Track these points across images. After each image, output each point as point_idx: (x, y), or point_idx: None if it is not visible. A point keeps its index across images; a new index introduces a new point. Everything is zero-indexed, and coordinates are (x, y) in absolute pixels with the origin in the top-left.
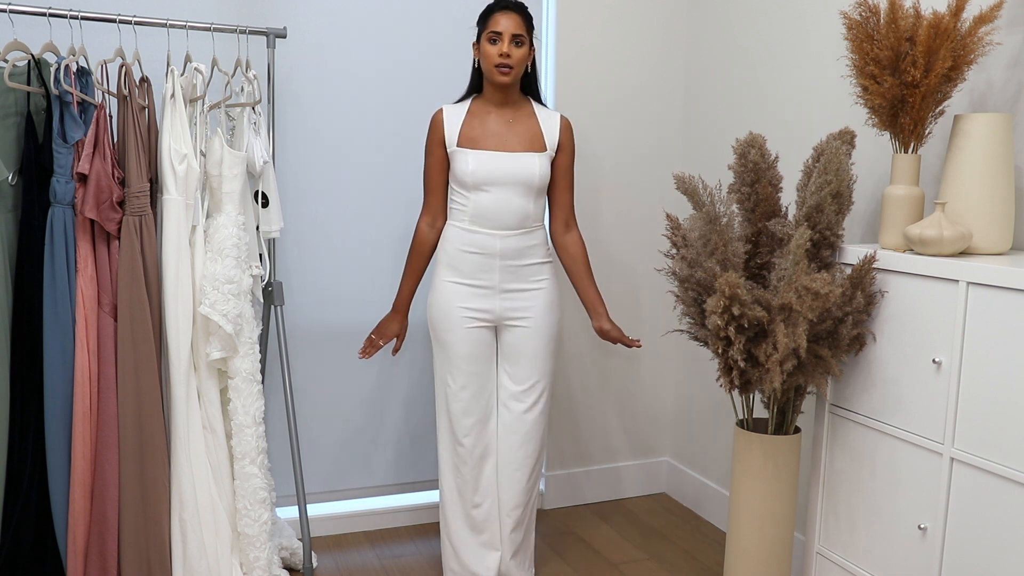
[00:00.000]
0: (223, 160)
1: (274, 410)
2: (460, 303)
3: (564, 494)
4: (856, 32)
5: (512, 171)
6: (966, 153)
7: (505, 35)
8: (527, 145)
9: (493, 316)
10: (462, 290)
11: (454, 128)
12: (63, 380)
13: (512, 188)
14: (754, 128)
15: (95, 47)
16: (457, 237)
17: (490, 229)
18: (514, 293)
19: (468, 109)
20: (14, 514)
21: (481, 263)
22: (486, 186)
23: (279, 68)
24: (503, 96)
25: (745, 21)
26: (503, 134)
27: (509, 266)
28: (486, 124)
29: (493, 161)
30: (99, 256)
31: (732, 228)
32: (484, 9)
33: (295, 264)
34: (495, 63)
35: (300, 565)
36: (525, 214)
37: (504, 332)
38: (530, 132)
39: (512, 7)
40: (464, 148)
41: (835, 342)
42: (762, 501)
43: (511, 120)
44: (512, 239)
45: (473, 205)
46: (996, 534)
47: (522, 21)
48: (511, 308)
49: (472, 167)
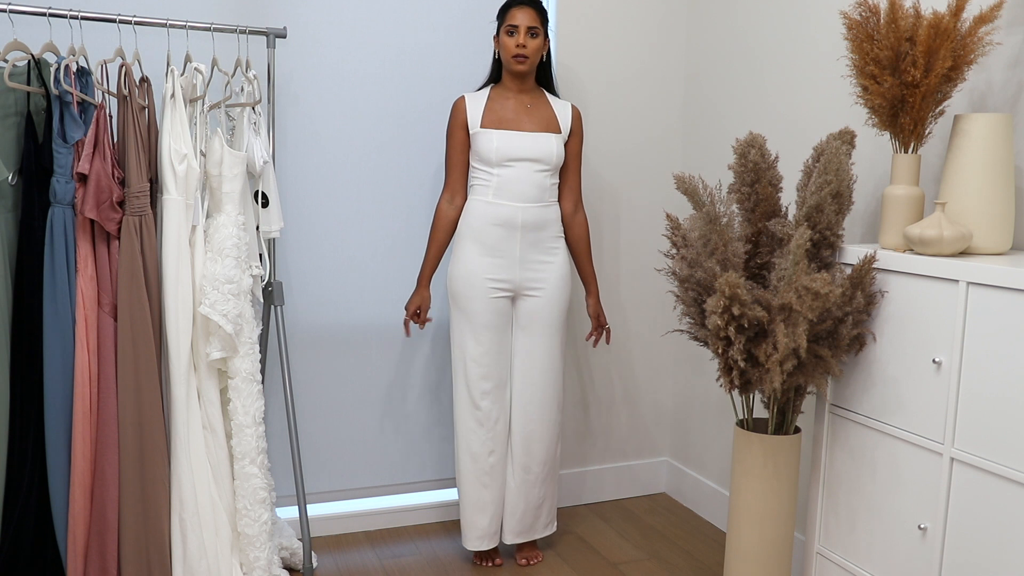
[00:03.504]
0: (223, 160)
1: (274, 410)
2: (485, 274)
3: (564, 494)
4: (856, 32)
5: (532, 148)
6: (966, 153)
7: (521, 28)
8: (544, 126)
9: (513, 286)
10: (485, 261)
11: (477, 112)
12: (63, 380)
13: (532, 164)
14: (754, 128)
15: (95, 47)
16: (481, 211)
17: (512, 201)
18: (533, 264)
19: (488, 96)
20: (14, 514)
21: (503, 235)
22: (509, 162)
23: (279, 68)
24: (521, 84)
25: (745, 21)
26: (523, 117)
27: (529, 237)
28: (506, 108)
29: (516, 139)
30: (99, 256)
31: (732, 228)
32: (502, 5)
33: (295, 264)
34: (513, 53)
35: (300, 565)
36: (543, 187)
37: (520, 301)
38: (547, 116)
39: (527, 2)
40: (488, 128)
41: (835, 342)
42: (762, 501)
43: (529, 105)
44: (532, 210)
45: (497, 180)
46: (996, 534)
47: (536, 15)
48: (529, 278)
49: (496, 144)
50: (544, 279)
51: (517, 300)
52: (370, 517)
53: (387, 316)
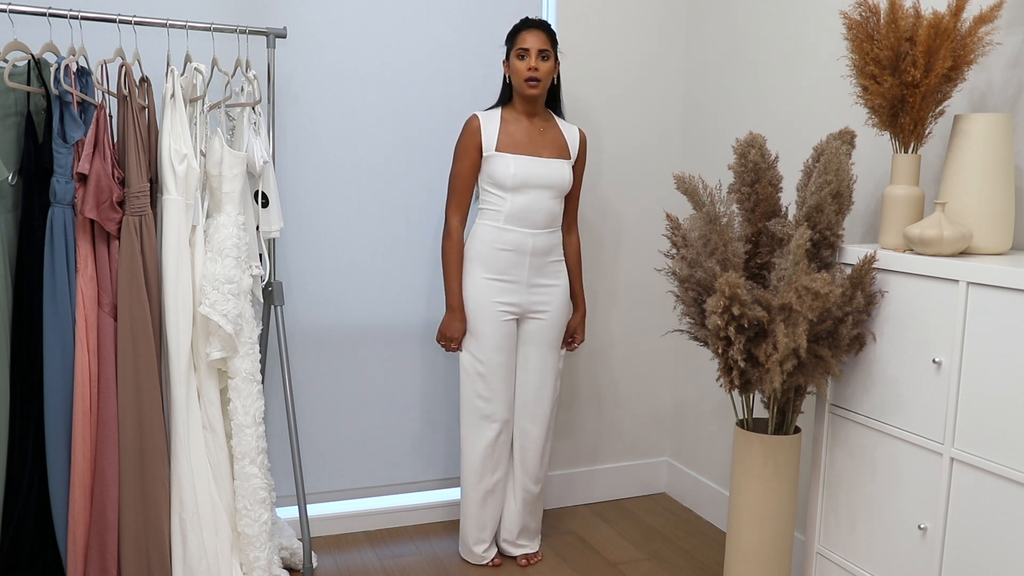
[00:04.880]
0: (223, 160)
1: (274, 410)
2: (494, 298)
3: (564, 494)
4: (856, 32)
5: (547, 175)
6: (966, 153)
7: (532, 51)
8: (557, 152)
9: (520, 309)
10: (495, 285)
11: (492, 134)
12: (63, 380)
13: (546, 191)
14: (754, 128)
15: (95, 47)
16: (490, 236)
17: (524, 228)
18: (539, 288)
19: (501, 117)
20: (14, 514)
21: (513, 260)
22: (524, 188)
23: (279, 68)
24: (532, 107)
25: (745, 21)
26: (537, 142)
27: (537, 262)
28: (521, 132)
29: (533, 166)
30: (99, 256)
31: (732, 228)
32: (512, 28)
33: (295, 264)
34: (525, 77)
35: (300, 565)
36: (554, 214)
37: (525, 323)
38: (558, 141)
39: (537, 25)
40: (504, 152)
41: (835, 342)
42: (762, 501)
43: (543, 130)
44: (542, 237)
45: (509, 206)
46: (996, 534)
47: (547, 37)
48: (535, 302)
49: (514, 170)
50: (549, 302)
51: (522, 322)
52: (370, 517)
53: (387, 316)
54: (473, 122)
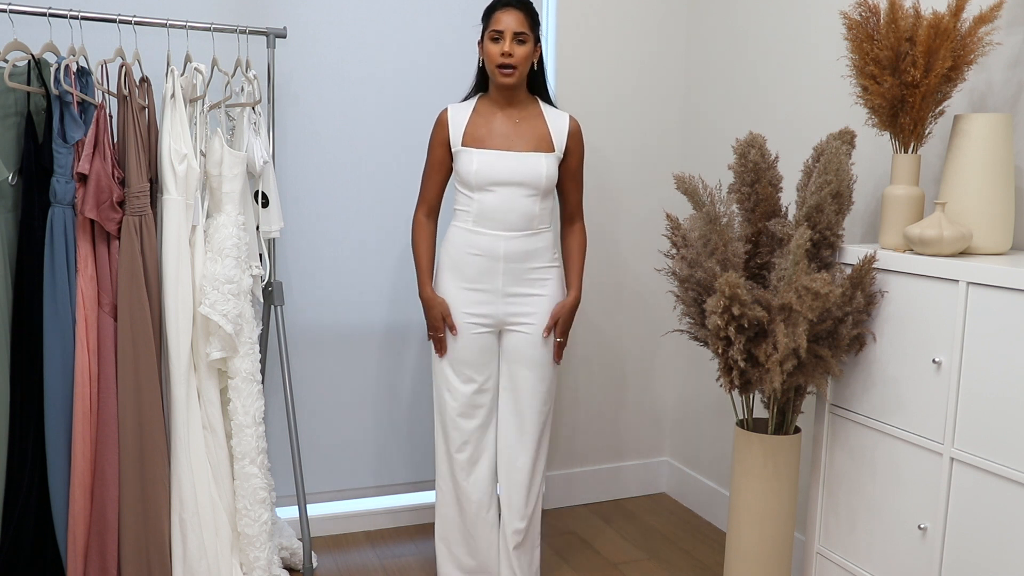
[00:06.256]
0: (223, 160)
1: (274, 410)
2: (463, 308)
3: (564, 494)
4: (856, 32)
5: (518, 171)
6: (966, 153)
7: (507, 33)
8: (534, 145)
9: (495, 320)
10: (464, 295)
11: (459, 127)
12: (63, 380)
13: (518, 188)
14: (754, 128)
15: (95, 47)
16: (460, 239)
17: (494, 230)
18: (516, 297)
19: (474, 108)
20: (14, 514)
21: (484, 266)
22: (491, 186)
23: (279, 68)
24: (509, 96)
25: (745, 21)
26: (509, 134)
27: (512, 269)
28: (492, 123)
29: (499, 161)
30: (99, 256)
31: (732, 228)
32: (487, 6)
33: (295, 264)
34: (497, 63)
35: (300, 565)
36: (531, 215)
37: (505, 335)
38: (537, 132)
39: (514, 4)
40: (469, 147)
41: (835, 342)
42: (762, 501)
43: (518, 120)
44: (517, 241)
45: (477, 206)
46: (996, 534)
47: (525, 18)
48: (513, 313)
49: (476, 166)
50: (530, 313)
51: (503, 335)
52: (370, 517)
53: (387, 316)
54: (442, 116)
